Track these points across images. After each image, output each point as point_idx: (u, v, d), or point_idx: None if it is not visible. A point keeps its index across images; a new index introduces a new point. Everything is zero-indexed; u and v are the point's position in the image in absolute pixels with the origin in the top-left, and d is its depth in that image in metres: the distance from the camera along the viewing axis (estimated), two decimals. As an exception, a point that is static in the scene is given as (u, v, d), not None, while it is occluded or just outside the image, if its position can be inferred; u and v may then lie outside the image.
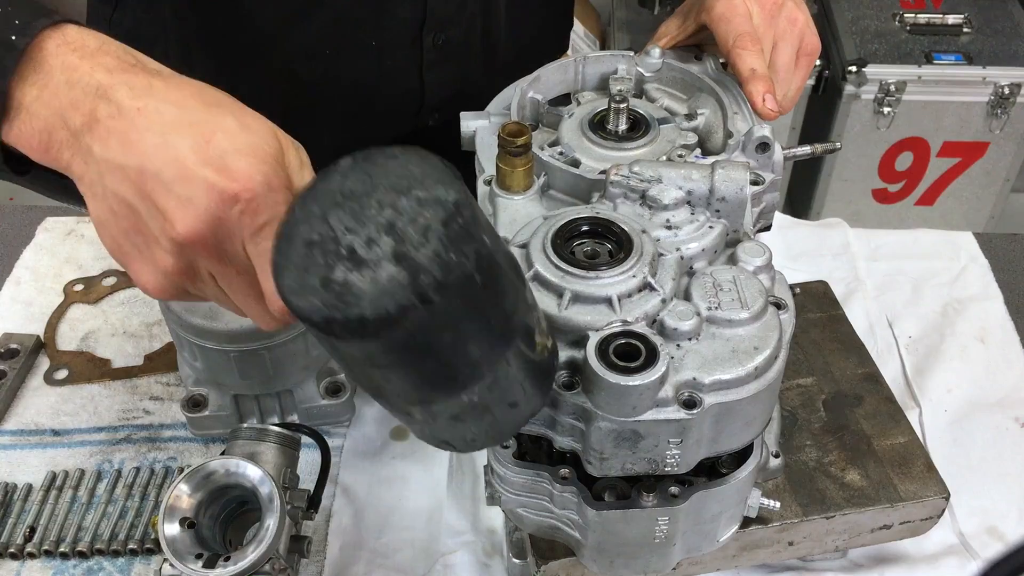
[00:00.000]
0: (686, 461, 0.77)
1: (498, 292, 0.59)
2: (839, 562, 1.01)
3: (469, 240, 0.55)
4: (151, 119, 0.65)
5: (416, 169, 0.56)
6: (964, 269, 1.37)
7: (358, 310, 0.53)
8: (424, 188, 0.55)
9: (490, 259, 0.57)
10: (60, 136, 0.67)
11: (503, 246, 0.63)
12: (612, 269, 0.75)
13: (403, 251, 0.54)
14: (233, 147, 0.64)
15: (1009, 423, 1.15)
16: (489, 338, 0.61)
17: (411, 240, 0.54)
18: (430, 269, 0.53)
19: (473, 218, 0.56)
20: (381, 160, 0.57)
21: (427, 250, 0.53)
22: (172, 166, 0.64)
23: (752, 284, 0.77)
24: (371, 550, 1.02)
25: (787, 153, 0.96)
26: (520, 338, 0.64)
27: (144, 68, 0.68)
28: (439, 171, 0.56)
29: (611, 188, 0.84)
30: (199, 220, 0.64)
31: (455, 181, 0.56)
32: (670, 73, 1.05)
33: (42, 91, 0.66)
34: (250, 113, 0.69)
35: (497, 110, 1.03)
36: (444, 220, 0.54)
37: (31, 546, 1.00)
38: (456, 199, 0.55)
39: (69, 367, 1.21)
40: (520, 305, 0.63)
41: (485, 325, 0.60)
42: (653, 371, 0.70)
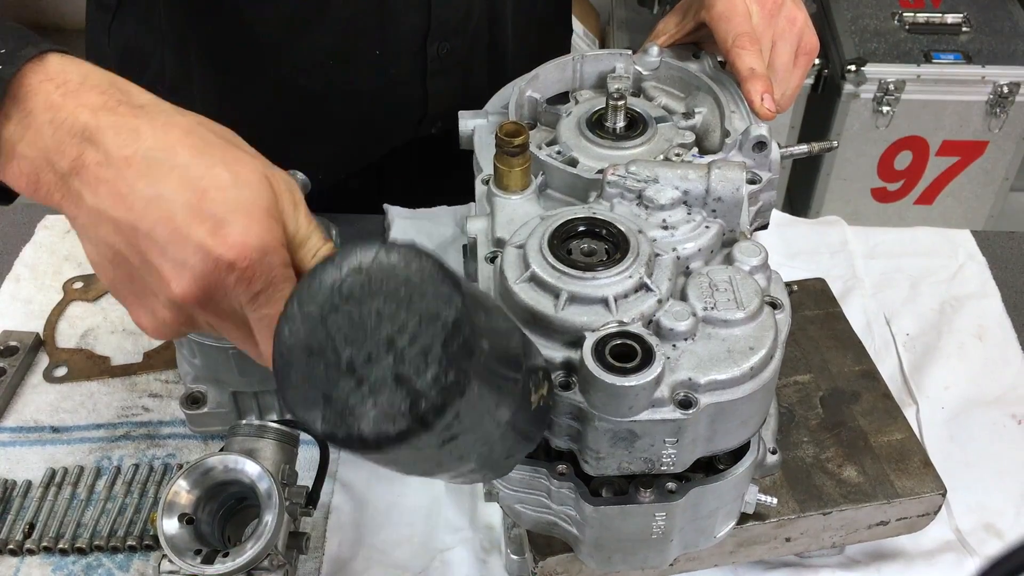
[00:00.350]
0: (682, 460, 0.77)
1: (498, 388, 0.60)
2: (836, 558, 1.02)
3: (468, 355, 0.54)
4: (140, 170, 0.63)
5: (415, 276, 0.56)
6: (962, 267, 1.37)
7: (358, 431, 0.54)
8: (424, 299, 0.55)
9: (490, 361, 0.57)
10: (48, 178, 0.65)
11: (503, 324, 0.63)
12: (608, 270, 0.76)
13: (403, 374, 0.54)
14: (226, 206, 0.63)
15: (1006, 420, 1.16)
16: (489, 428, 0.62)
17: (411, 362, 0.54)
18: (430, 395, 0.53)
19: (473, 332, 0.55)
20: (379, 258, 0.56)
21: (428, 375, 0.54)
22: (165, 226, 0.62)
23: (748, 284, 0.78)
24: (369, 546, 1.03)
25: (784, 152, 0.96)
26: (519, 410, 0.64)
27: (130, 104, 0.66)
28: (438, 279, 0.55)
29: (608, 188, 0.84)
30: (194, 283, 0.63)
31: (454, 291, 0.55)
32: (668, 71, 1.05)
33: (26, 131, 0.65)
34: (241, 157, 0.67)
35: (495, 109, 1.04)
36: (444, 341, 0.54)
37: (30, 542, 1.01)
38: (456, 317, 0.54)
39: (68, 364, 1.21)
40: (520, 384, 0.63)
41: (485, 421, 0.61)
42: (649, 372, 0.70)
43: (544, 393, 0.69)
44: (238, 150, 0.67)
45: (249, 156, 0.67)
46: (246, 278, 0.63)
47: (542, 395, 0.69)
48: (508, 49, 1.36)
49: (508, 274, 0.78)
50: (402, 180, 1.42)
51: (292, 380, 0.57)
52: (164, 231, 0.62)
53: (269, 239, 0.64)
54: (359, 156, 1.34)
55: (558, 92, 1.07)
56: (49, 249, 1.37)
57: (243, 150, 0.68)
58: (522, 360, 0.64)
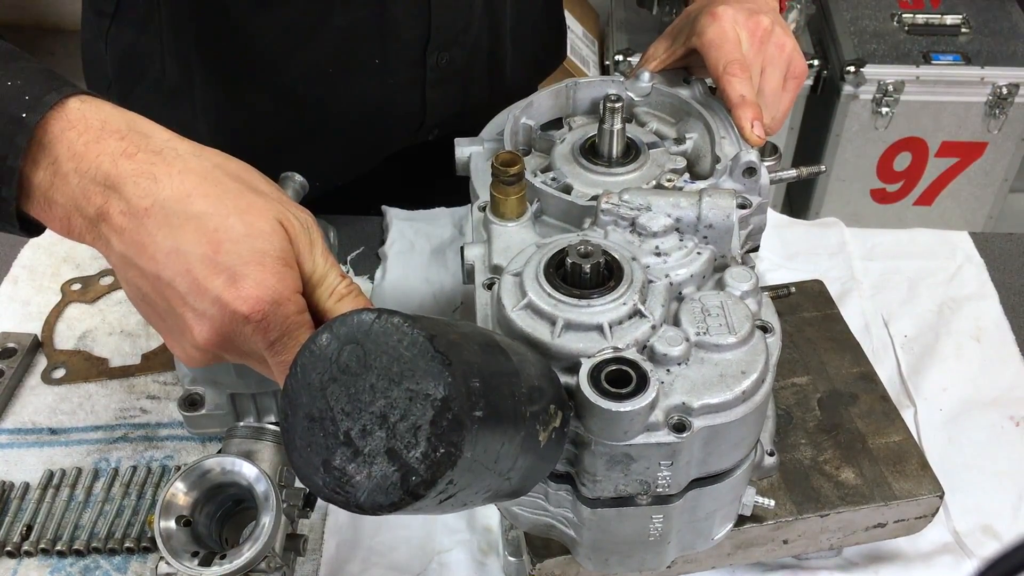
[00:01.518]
0: (677, 482, 0.78)
1: (497, 447, 0.61)
2: (834, 560, 1.02)
3: (458, 429, 0.56)
4: (159, 220, 0.67)
5: (407, 352, 0.58)
6: (960, 268, 1.37)
7: (355, 499, 0.58)
8: (415, 379, 0.57)
9: (486, 426, 0.59)
10: (78, 222, 0.70)
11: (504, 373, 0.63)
12: (603, 297, 0.77)
13: (394, 448, 0.57)
14: (240, 259, 0.66)
15: (1004, 422, 1.16)
16: (489, 480, 0.63)
17: (401, 438, 0.57)
18: (419, 470, 0.56)
19: (463, 408, 0.57)
20: (374, 334, 0.59)
21: (417, 451, 0.56)
22: (184, 278, 0.66)
23: (739, 309, 0.79)
24: (367, 548, 1.03)
25: (773, 177, 0.98)
26: (524, 454, 0.65)
27: (148, 150, 0.69)
28: (427, 359, 0.57)
29: (602, 216, 0.86)
30: (214, 332, 0.68)
31: (444, 368, 0.57)
32: (659, 97, 1.07)
33: (55, 178, 0.68)
34: (255, 204, 0.69)
35: (490, 136, 1.06)
36: (432, 419, 0.56)
37: (28, 544, 1.01)
38: (444, 395, 0.56)
39: (66, 366, 1.21)
40: (523, 433, 0.64)
41: (485, 476, 0.62)
42: (644, 397, 0.71)
43: (556, 425, 0.70)
44: (253, 194, 0.70)
45: (263, 201, 0.70)
46: (262, 328, 0.67)
47: (554, 428, 0.69)
48: (507, 57, 1.36)
49: (505, 302, 0.79)
50: (400, 183, 1.42)
51: (296, 443, 0.61)
52: (184, 283, 0.66)
53: (282, 288, 0.67)
54: (358, 162, 1.35)
55: (552, 119, 1.09)
56: (47, 251, 1.37)
57: (258, 193, 0.70)
58: (524, 408, 0.64)
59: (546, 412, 0.68)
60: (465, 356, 0.60)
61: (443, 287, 1.31)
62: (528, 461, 0.68)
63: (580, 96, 1.09)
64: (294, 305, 0.69)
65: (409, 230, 1.38)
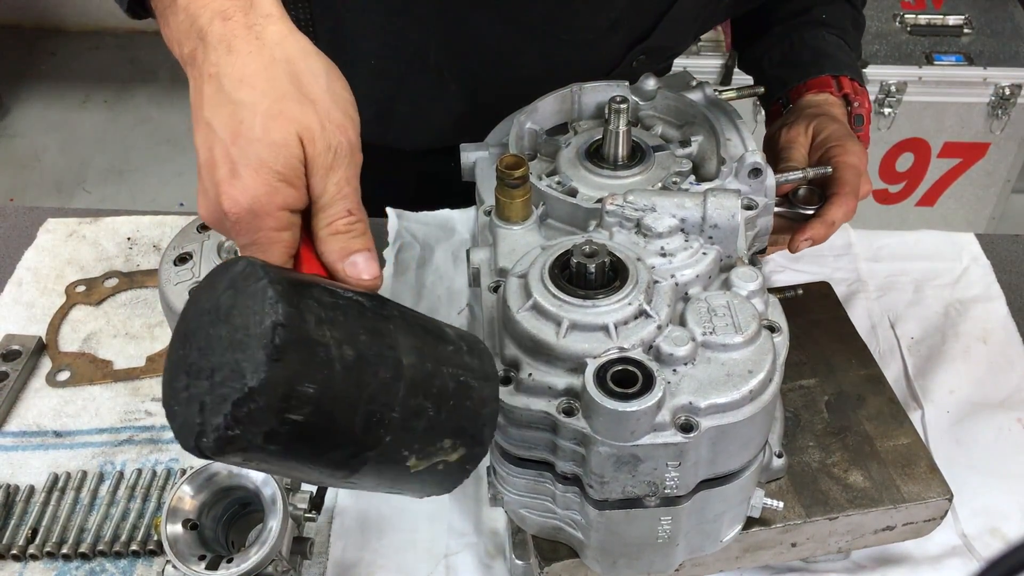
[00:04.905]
0: (685, 483, 0.78)
1: (313, 450, 0.61)
2: (842, 563, 1.01)
3: (257, 423, 0.57)
4: (212, 91, 0.71)
5: (253, 328, 0.58)
6: (966, 270, 1.36)
7: (172, 425, 0.61)
8: (244, 354, 0.58)
9: (295, 430, 0.59)
10: (177, 52, 0.76)
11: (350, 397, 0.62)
12: (608, 297, 0.77)
13: (205, 404, 0.58)
14: (244, 159, 0.68)
15: (1012, 424, 1.15)
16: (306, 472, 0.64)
17: (213, 399, 0.58)
18: (210, 437, 0.58)
19: (272, 402, 0.57)
20: (248, 293, 0.60)
21: (215, 419, 0.57)
22: (205, 151, 0.71)
23: (746, 308, 0.79)
24: (374, 551, 1.02)
25: (779, 178, 0.98)
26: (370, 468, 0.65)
27: (243, 19, 0.72)
28: (260, 344, 0.57)
29: (607, 217, 0.86)
30: (208, 212, 0.71)
31: (265, 363, 0.57)
32: (664, 101, 1.07)
33: (174, 4, 0.74)
34: (287, 110, 0.70)
35: (496, 141, 1.06)
36: (236, 401, 0.57)
37: (33, 547, 1.00)
38: (252, 387, 0.56)
39: (71, 368, 1.21)
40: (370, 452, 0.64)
41: (300, 468, 0.63)
42: (650, 396, 0.72)
43: (449, 459, 0.68)
44: (293, 102, 0.70)
45: (298, 111, 0.70)
46: (235, 229, 0.70)
47: (443, 461, 0.68)
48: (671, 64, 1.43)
49: (511, 303, 0.79)
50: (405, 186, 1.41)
51: (171, 348, 0.64)
52: (203, 155, 0.71)
53: (266, 202, 0.68)
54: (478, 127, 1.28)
55: (557, 123, 1.09)
56: (51, 253, 1.36)
57: (301, 101, 0.71)
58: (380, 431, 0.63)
59: (433, 444, 0.66)
60: (320, 357, 0.59)
61: (450, 289, 1.31)
62: (385, 478, 0.67)
63: (585, 100, 1.09)
64: (273, 220, 0.69)
65: (415, 232, 1.37)
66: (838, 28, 1.29)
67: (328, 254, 0.72)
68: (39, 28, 4.29)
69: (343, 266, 0.71)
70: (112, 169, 3.67)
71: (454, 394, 0.67)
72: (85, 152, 3.74)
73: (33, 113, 3.93)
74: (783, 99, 1.26)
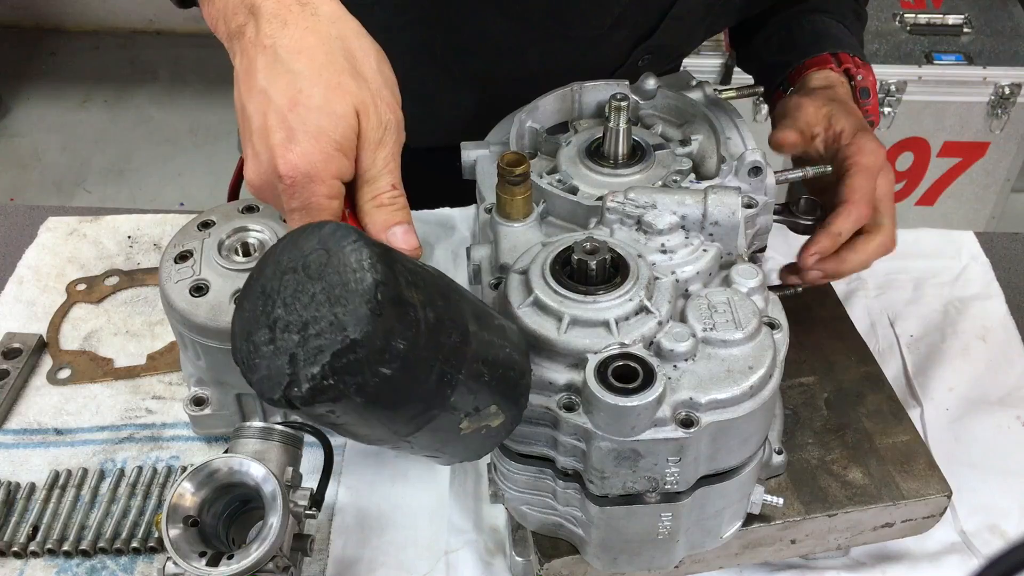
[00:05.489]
0: (685, 478, 0.78)
1: (392, 407, 0.64)
2: (841, 560, 1.01)
3: (354, 373, 0.60)
4: (267, 62, 0.73)
5: (353, 284, 0.61)
6: (965, 268, 1.37)
7: (250, 376, 0.63)
8: (344, 308, 0.60)
9: (382, 384, 0.61)
10: (222, 29, 0.78)
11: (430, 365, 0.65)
12: (609, 293, 0.78)
13: (297, 356, 0.61)
14: (303, 126, 0.72)
15: (1011, 421, 1.15)
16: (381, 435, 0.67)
17: (307, 351, 0.60)
18: (302, 387, 0.60)
19: (370, 354, 0.60)
20: (342, 253, 0.62)
21: (309, 370, 0.60)
22: (259, 118, 0.73)
23: (746, 305, 0.79)
24: (374, 548, 1.02)
25: (779, 177, 0.98)
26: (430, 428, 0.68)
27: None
28: (362, 299, 0.60)
29: (608, 214, 0.87)
30: (259, 176, 0.74)
31: (369, 317, 0.59)
32: (664, 100, 1.07)
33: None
34: (345, 84, 0.73)
35: (497, 140, 1.06)
36: (336, 352, 0.59)
37: (34, 545, 1.00)
38: (356, 338, 0.59)
39: (72, 366, 1.21)
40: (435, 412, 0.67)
41: (377, 428, 0.66)
42: (650, 392, 0.72)
43: (491, 425, 0.72)
44: (349, 77, 0.74)
45: (355, 86, 0.74)
46: (288, 193, 0.73)
47: (486, 426, 0.71)
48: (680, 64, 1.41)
49: (512, 299, 0.80)
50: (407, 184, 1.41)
51: (244, 305, 0.66)
52: (258, 121, 0.73)
53: (322, 168, 0.72)
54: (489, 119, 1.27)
55: (558, 122, 1.10)
56: (52, 251, 1.37)
57: (357, 77, 0.74)
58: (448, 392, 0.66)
59: (480, 410, 0.70)
60: (410, 316, 0.62)
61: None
62: (437, 437, 0.70)
63: (585, 99, 1.09)
64: (326, 188, 0.73)
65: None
66: (838, 15, 1.26)
67: (372, 225, 0.76)
68: (39, 28, 4.29)
69: (386, 236, 0.75)
70: (112, 169, 3.67)
71: (503, 363, 0.71)
72: (85, 152, 3.74)
73: (33, 113, 3.93)
74: (783, 84, 1.22)
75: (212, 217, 1.08)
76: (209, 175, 3.60)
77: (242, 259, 1.04)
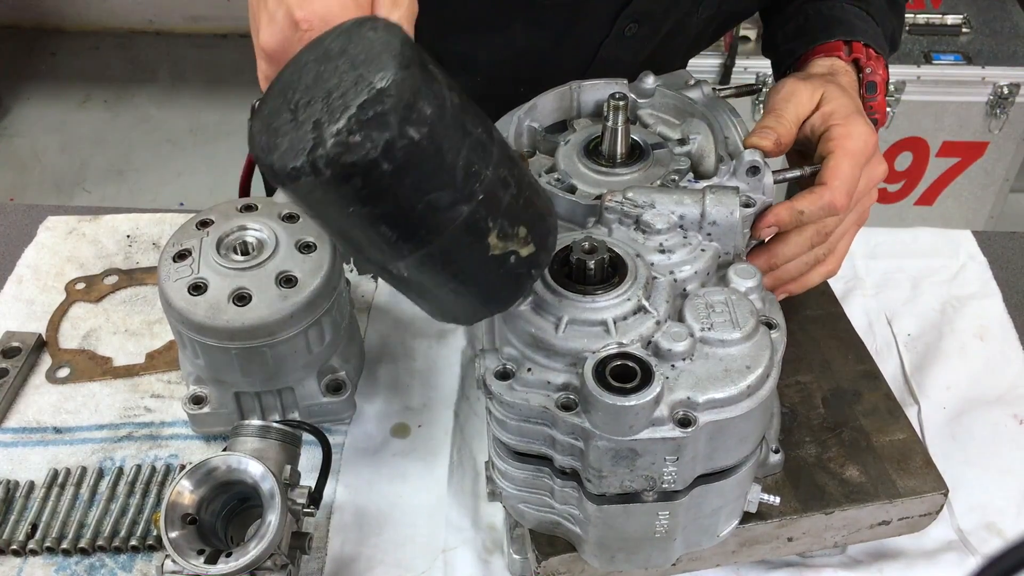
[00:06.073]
0: (683, 477, 0.79)
1: (417, 187, 0.61)
2: (838, 558, 1.02)
3: (383, 127, 0.57)
4: None
5: (378, 47, 0.59)
6: (963, 267, 1.37)
7: (270, 160, 0.60)
8: (369, 67, 0.58)
9: (410, 149, 0.59)
10: None
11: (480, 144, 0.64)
12: (607, 293, 0.78)
13: (320, 120, 0.58)
14: None
15: (1007, 420, 1.16)
16: (406, 220, 0.63)
17: (331, 112, 0.58)
18: (328, 144, 0.57)
19: (398, 106, 0.57)
20: (364, 30, 0.62)
21: (334, 127, 0.57)
22: None
23: (744, 305, 0.79)
24: (372, 546, 1.03)
25: (777, 176, 0.98)
26: (463, 235, 0.65)
27: None
28: (390, 54, 0.58)
29: (606, 214, 0.87)
30: (273, 35, 0.74)
31: (395, 66, 0.58)
32: (663, 99, 1.08)
33: None
34: None
35: None
36: (362, 104, 0.57)
37: (33, 543, 1.01)
38: (382, 87, 0.57)
39: (71, 365, 1.21)
40: (463, 207, 0.64)
41: (396, 207, 0.62)
42: (648, 391, 0.72)
43: (519, 251, 0.69)
44: None
45: None
46: (304, 40, 0.71)
47: (513, 252, 0.68)
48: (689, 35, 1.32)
49: None
50: None
51: (263, 110, 0.64)
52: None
53: (339, 13, 0.71)
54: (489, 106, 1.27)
55: (556, 120, 1.09)
56: (51, 250, 1.37)
57: None
58: (476, 186, 0.64)
59: (512, 227, 0.67)
60: (436, 86, 0.60)
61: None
62: (464, 253, 0.66)
63: (584, 98, 1.09)
64: None
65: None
66: (864, 2, 1.17)
67: None
68: (39, 28, 4.29)
69: None
70: (112, 169, 3.67)
71: (530, 186, 0.69)
72: (85, 152, 3.74)
73: (33, 113, 3.93)
74: (791, 71, 1.15)
75: (211, 216, 1.08)
76: (209, 175, 3.60)
77: (241, 258, 1.04)
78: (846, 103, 0.99)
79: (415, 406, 1.17)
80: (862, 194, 0.98)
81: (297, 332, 1.03)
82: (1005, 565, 0.43)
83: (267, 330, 1.00)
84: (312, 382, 1.10)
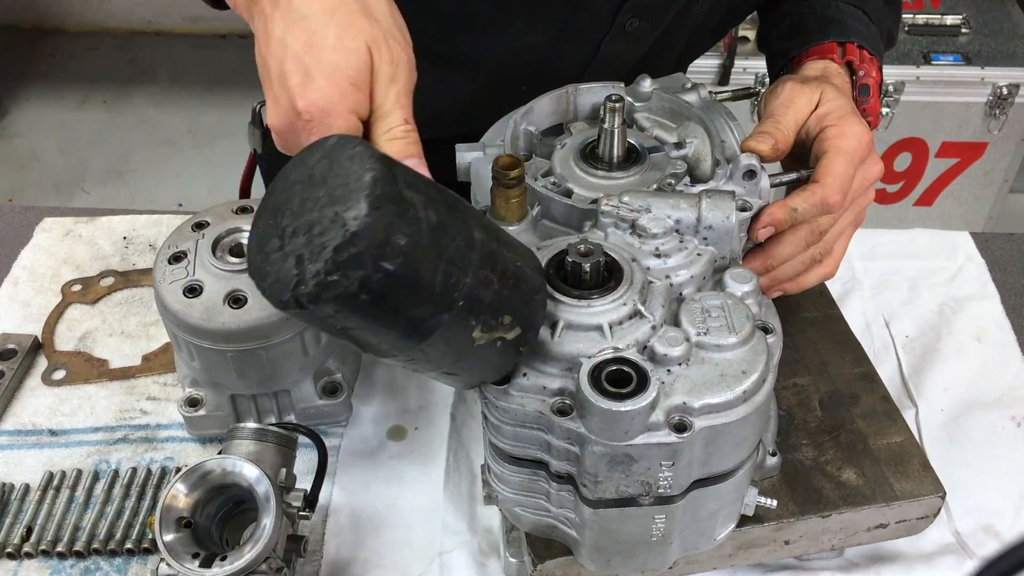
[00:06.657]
0: (679, 483, 0.78)
1: (392, 310, 0.65)
2: (835, 561, 1.02)
3: (358, 267, 0.61)
4: (283, 14, 0.78)
5: (353, 183, 0.63)
6: (961, 268, 1.37)
7: (262, 285, 0.65)
8: (345, 205, 0.62)
9: (386, 280, 0.63)
10: (241, 2, 0.84)
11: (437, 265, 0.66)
12: (603, 298, 0.78)
13: (303, 256, 0.62)
14: (318, 65, 0.76)
15: (1005, 422, 1.15)
16: (387, 334, 0.68)
17: (312, 250, 0.62)
18: (308, 283, 0.61)
19: (370, 247, 0.61)
20: (344, 157, 0.65)
21: (314, 267, 0.61)
22: (278, 65, 0.78)
23: (740, 310, 0.79)
24: (368, 549, 1.02)
25: (774, 180, 0.98)
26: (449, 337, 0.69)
27: None
28: (362, 194, 0.62)
29: (602, 218, 0.87)
30: (279, 119, 0.78)
31: (368, 210, 0.61)
32: (659, 102, 1.07)
33: None
34: (357, 23, 0.78)
35: (492, 142, 1.06)
36: (337, 246, 0.61)
37: (28, 546, 1.00)
38: (355, 231, 0.61)
39: (67, 367, 1.21)
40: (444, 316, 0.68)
41: (382, 327, 0.67)
42: (644, 396, 0.72)
43: (506, 337, 0.72)
44: (362, 16, 0.79)
45: (366, 24, 0.78)
46: (307, 128, 0.76)
47: (500, 337, 0.72)
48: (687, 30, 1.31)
49: None
50: None
51: (258, 223, 0.68)
52: (276, 68, 0.78)
53: (337, 103, 0.76)
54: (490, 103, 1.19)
55: (552, 124, 1.09)
56: (47, 252, 1.37)
57: (368, 16, 0.79)
58: (455, 295, 0.67)
59: (495, 318, 0.71)
60: (410, 214, 0.63)
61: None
62: (451, 348, 0.71)
63: (581, 101, 1.09)
64: (343, 121, 0.76)
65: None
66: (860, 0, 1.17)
67: None
68: (38, 28, 4.29)
69: None
70: (111, 169, 3.67)
71: (513, 275, 0.72)
72: (84, 152, 3.74)
73: (32, 113, 3.93)
74: (785, 72, 1.15)
75: (206, 218, 1.08)
76: (208, 176, 3.60)
77: (236, 260, 1.04)
78: (842, 104, 0.99)
79: (411, 409, 1.17)
80: (857, 193, 0.98)
81: (293, 334, 1.03)
82: (1002, 567, 0.43)
83: (263, 332, 1.00)
84: (308, 384, 1.09)
